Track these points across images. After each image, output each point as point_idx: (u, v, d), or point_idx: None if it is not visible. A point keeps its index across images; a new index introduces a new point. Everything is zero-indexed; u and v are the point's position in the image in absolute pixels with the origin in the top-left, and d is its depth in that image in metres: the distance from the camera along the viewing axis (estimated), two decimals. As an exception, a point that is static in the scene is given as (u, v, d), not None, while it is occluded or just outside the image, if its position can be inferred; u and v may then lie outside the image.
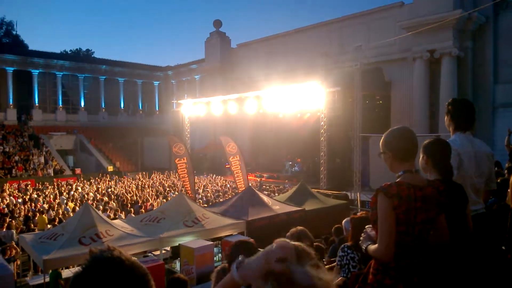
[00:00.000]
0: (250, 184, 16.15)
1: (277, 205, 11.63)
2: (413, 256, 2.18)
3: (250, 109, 20.41)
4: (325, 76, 17.39)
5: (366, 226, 2.49)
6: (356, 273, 3.86)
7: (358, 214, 4.58)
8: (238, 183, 17.21)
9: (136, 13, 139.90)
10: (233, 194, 16.00)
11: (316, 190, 15.36)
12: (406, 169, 2.22)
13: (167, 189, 19.96)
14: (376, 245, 2.20)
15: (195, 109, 24.51)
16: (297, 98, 18.18)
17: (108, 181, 24.33)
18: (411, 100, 20.02)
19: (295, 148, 25.63)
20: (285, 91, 18.50)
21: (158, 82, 45.12)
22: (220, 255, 9.37)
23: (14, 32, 54.68)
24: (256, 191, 12.43)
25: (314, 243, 4.15)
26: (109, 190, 19.70)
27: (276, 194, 16.67)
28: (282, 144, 26.28)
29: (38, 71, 37.20)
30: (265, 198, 12.11)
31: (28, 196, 18.16)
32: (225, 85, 30.67)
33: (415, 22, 19.16)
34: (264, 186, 19.84)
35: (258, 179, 23.15)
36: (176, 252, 9.23)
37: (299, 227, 3.31)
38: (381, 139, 2.27)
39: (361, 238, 2.51)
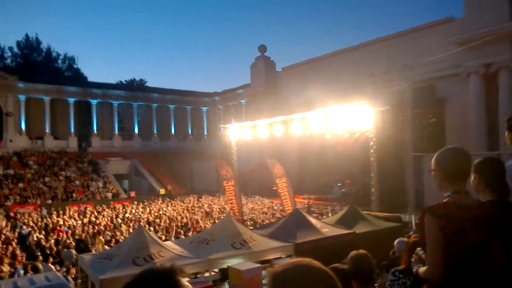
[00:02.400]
0: (297, 206, 15.99)
1: (326, 228, 11.37)
2: (465, 280, 2.09)
3: (296, 131, 20.38)
4: (373, 96, 17.08)
5: (418, 249, 2.43)
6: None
7: (412, 237, 4.41)
8: (285, 205, 17.10)
9: (184, 42, 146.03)
10: (281, 216, 15.88)
11: (367, 212, 14.88)
12: (455, 189, 2.16)
13: (215, 211, 20.22)
14: (426, 266, 2.15)
15: (242, 132, 24.86)
16: (344, 119, 17.98)
17: (160, 203, 25.06)
18: (467, 117, 19.12)
19: (343, 169, 25.13)
20: (332, 112, 18.36)
21: (206, 108, 46.48)
22: (268, 278, 9.25)
23: (75, 66, 58.96)
24: (304, 213, 12.26)
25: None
26: (161, 212, 20.26)
27: (325, 216, 16.35)
28: (329, 165, 25.87)
29: (96, 101, 39.71)
30: (313, 221, 11.89)
31: (87, 219, 19.09)
32: (271, 108, 30.93)
33: (468, 36, 18.51)
34: (312, 209, 19.55)
35: (306, 201, 22.85)
36: (224, 274, 9.25)
37: (361, 251, 3.22)
38: (434, 157, 2.24)
39: (412, 260, 2.44)
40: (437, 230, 2.04)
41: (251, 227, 13.24)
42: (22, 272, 9.85)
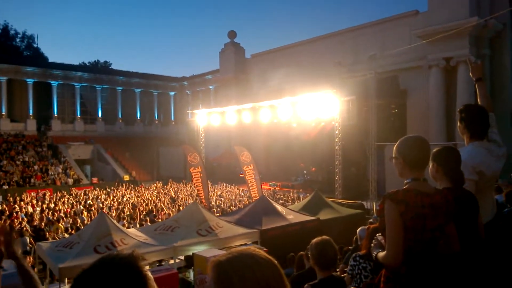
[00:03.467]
0: (264, 193, 16.12)
1: (291, 215, 11.55)
2: (423, 264, 2.17)
3: (264, 119, 20.47)
4: (339, 85, 17.35)
5: (377, 234, 2.48)
6: (368, 282, 3.81)
7: (374, 224, 4.52)
8: (252, 192, 17.20)
9: (152, 25, 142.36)
10: (247, 203, 15.97)
11: (331, 199, 15.22)
12: (414, 177, 2.22)
13: (182, 198, 20.06)
14: (385, 251, 2.20)
15: (210, 119, 24.69)
16: (311, 108, 18.16)
17: (124, 190, 24.58)
18: (428, 109, 19.80)
19: (309, 157, 25.54)
20: (299, 100, 18.52)
21: (173, 93, 45.68)
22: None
23: (34, 45, 56.24)
24: (270, 200, 12.39)
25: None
26: (125, 199, 19.88)
27: (290, 203, 16.59)
28: (296, 153, 26.22)
29: (57, 83, 38.10)
30: (279, 207, 12.04)
31: (46, 205, 18.44)
32: (239, 95, 30.88)
33: (431, 30, 19.03)
34: (278, 195, 19.77)
35: (272, 188, 23.10)
36: (189, 261, 9.23)
37: (324, 237, 3.25)
38: (395, 145, 2.30)
39: (372, 245, 2.50)
40: (397, 216, 2.08)
41: (218, 214, 13.25)
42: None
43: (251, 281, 1.04)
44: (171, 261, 9.53)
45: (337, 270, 5.69)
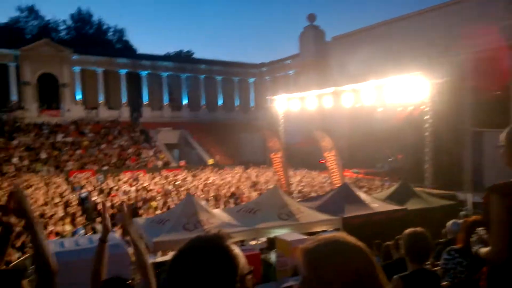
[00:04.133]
0: (346, 181, 15.74)
1: (375, 203, 11.13)
2: None
3: (347, 103, 19.84)
4: (429, 67, 16.16)
5: (479, 228, 2.27)
6: (463, 278, 3.51)
7: (472, 217, 4.19)
8: (333, 179, 16.88)
9: (231, 12, 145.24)
10: (328, 189, 15.74)
11: (419, 189, 14.36)
12: None
13: (262, 182, 20.40)
14: (488, 247, 2.03)
15: (290, 104, 24.61)
16: (398, 91, 17.20)
17: (209, 173, 25.67)
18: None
19: (395, 143, 24.28)
20: (385, 83, 17.62)
21: (253, 79, 46.31)
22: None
23: (124, 39, 60.57)
24: (353, 188, 12.05)
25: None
26: (209, 182, 20.76)
27: (374, 191, 16.01)
28: (381, 139, 25.07)
29: (146, 73, 40.79)
30: (363, 195, 11.67)
31: (140, 185, 19.98)
32: (320, 79, 30.27)
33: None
34: (361, 183, 19.18)
35: (355, 175, 22.46)
36: (271, 243, 9.38)
37: (418, 228, 3.08)
38: (505, 131, 2.05)
39: (472, 240, 2.31)
40: (504, 210, 1.91)
41: (298, 200, 13.24)
42: (82, 232, 10.57)
43: (341, 268, 1.02)
44: (253, 242, 9.76)
45: (427, 263, 5.37)
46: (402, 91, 16.87)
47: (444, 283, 3.46)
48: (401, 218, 10.72)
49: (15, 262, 8.35)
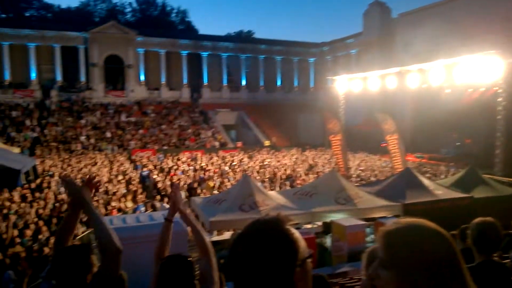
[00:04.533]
0: (408, 165, 15.03)
1: (439, 190, 10.53)
2: None
3: (412, 84, 18.76)
4: (505, 45, 14.76)
5: None
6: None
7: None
8: (395, 163, 16.21)
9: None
10: (389, 174, 15.14)
11: (488, 176, 13.36)
12: None
13: (320, 165, 20.10)
14: None
15: (351, 85, 23.81)
16: (468, 71, 15.94)
17: (265, 154, 25.77)
18: None
19: (463, 127, 22.74)
20: (455, 63, 16.38)
21: (313, 59, 45.38)
22: (372, 236, 9.02)
23: (187, 19, 61.73)
24: (416, 173, 11.46)
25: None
26: (265, 163, 20.83)
27: (439, 177, 15.16)
28: (447, 122, 23.59)
29: (206, 53, 41.40)
30: (426, 181, 11.08)
31: (198, 165, 20.53)
32: (384, 58, 28.94)
33: None
34: (424, 168, 18.26)
35: (418, 160, 21.41)
36: (327, 227, 9.23)
37: (488, 218, 2.85)
38: None
39: None
40: None
41: (357, 184, 12.88)
42: (143, 209, 11.06)
43: (420, 253, 0.99)
44: (308, 226, 9.66)
45: (494, 255, 4.97)
46: (474, 71, 15.60)
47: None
48: (467, 206, 10.10)
49: (80, 236, 8.90)
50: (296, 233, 1.08)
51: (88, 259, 2.12)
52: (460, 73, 16.28)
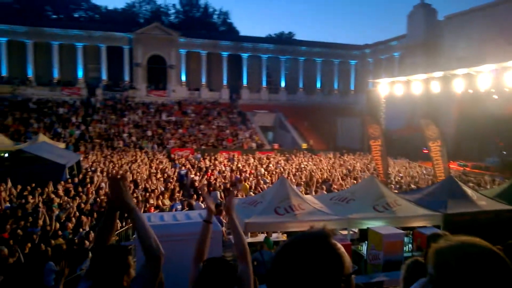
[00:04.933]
0: (451, 173, 14.48)
1: (483, 201, 10.07)
2: None
3: (458, 89, 18.06)
4: None
5: None
6: None
7: None
8: (437, 171, 15.66)
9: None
10: (431, 183, 14.65)
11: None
12: None
13: (358, 170, 19.75)
14: None
15: (393, 88, 23.20)
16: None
17: (302, 157, 25.61)
18: None
19: (510, 135, 21.64)
20: (504, 67, 15.62)
21: (354, 61, 44.69)
22: (410, 245, 8.78)
23: (228, 21, 62.46)
24: (458, 182, 11.04)
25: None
26: (302, 166, 20.70)
27: (483, 187, 14.51)
28: (494, 130, 22.54)
29: (247, 55, 41.74)
30: (469, 191, 10.63)
31: (235, 166, 20.72)
32: (428, 62, 28.06)
33: None
34: (468, 177, 17.53)
35: (462, 169, 20.59)
36: (363, 234, 9.06)
37: None
38: None
39: None
40: None
41: (396, 191, 12.57)
42: (179, 207, 11.28)
43: (474, 275, 0.97)
44: (344, 232, 9.53)
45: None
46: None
47: None
48: (512, 219, 9.59)
49: (118, 231, 9.19)
50: (342, 248, 1.08)
51: (125, 260, 2.13)
52: (509, 78, 15.50)
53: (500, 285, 0.96)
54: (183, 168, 19.52)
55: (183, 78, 40.11)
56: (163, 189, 13.94)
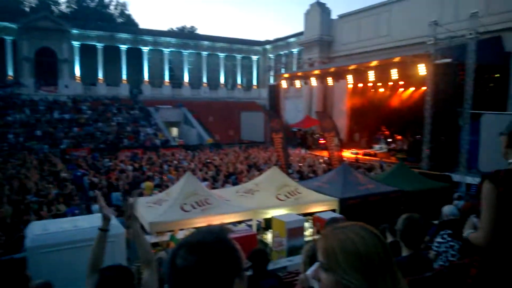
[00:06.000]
0: (345, 161, 15.78)
1: (372, 184, 11.20)
2: None
3: (349, 83, 19.70)
4: (433, 47, 15.95)
5: (471, 215, 2.34)
6: (455, 262, 3.57)
7: (470, 203, 4.26)
8: (332, 160, 16.94)
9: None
10: (327, 170, 15.80)
11: (416, 170, 14.40)
12: None
13: (261, 162, 20.44)
14: (478, 232, 2.10)
15: (292, 83, 24.42)
16: (400, 72, 17.02)
17: (208, 152, 25.69)
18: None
19: (395, 124, 24.26)
20: (388, 64, 17.45)
21: (257, 57, 45.83)
22: (311, 230, 9.41)
23: (127, 12, 59.51)
24: (351, 169, 12.10)
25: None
26: (209, 161, 20.79)
27: (373, 172, 16.07)
28: (382, 120, 25.03)
29: (148, 48, 40.33)
30: (360, 176, 11.74)
31: (138, 164, 20.01)
32: (324, 58, 29.96)
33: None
34: (359, 164, 19.24)
35: (354, 156, 22.50)
36: (268, 223, 9.48)
37: (414, 214, 3.12)
38: (510, 121, 2.13)
39: (465, 226, 2.37)
40: (494, 196, 1.98)
41: (297, 180, 13.30)
42: (77, 212, 10.57)
43: (353, 255, 1.07)
44: (250, 223, 9.85)
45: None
46: (405, 72, 16.72)
47: (436, 267, 3.53)
48: (397, 199, 10.84)
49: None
50: (237, 245, 1.10)
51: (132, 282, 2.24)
52: (393, 73, 17.35)
53: (376, 263, 1.07)
54: (80, 170, 18.28)
55: (77, 72, 37.29)
56: (57, 193, 12.91)
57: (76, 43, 36.92)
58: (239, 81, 45.64)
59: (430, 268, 3.03)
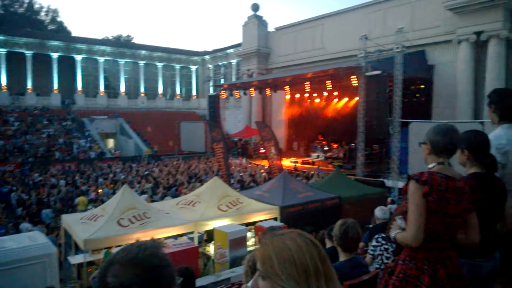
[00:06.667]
0: (284, 170, 16.08)
1: (311, 192, 11.51)
2: (441, 248, 2.15)
3: (287, 94, 20.21)
4: (364, 60, 16.89)
5: (396, 217, 2.43)
6: (390, 265, 3.75)
7: (400, 206, 4.45)
8: (272, 169, 17.20)
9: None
10: (268, 179, 15.99)
11: (352, 176, 15.05)
12: (440, 161, 2.20)
13: (202, 173, 20.24)
14: (405, 232, 2.19)
15: (231, 93, 24.55)
16: (335, 83, 17.76)
17: (146, 164, 24.95)
18: (455, 85, 19.10)
19: (331, 133, 25.26)
20: (323, 75, 18.14)
21: (196, 67, 45.55)
22: (253, 239, 9.42)
23: (58, 19, 56.61)
24: (290, 177, 12.35)
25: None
26: (147, 173, 20.19)
27: (311, 180, 16.52)
28: (318, 129, 25.94)
29: (81, 57, 38.51)
30: (300, 184, 12.02)
31: (71, 178, 18.93)
32: (262, 69, 30.50)
33: (463, 1, 18.13)
34: (298, 172, 19.70)
35: (293, 165, 23.03)
36: (211, 235, 9.36)
37: (349, 219, 3.21)
38: (427, 131, 2.28)
39: (391, 227, 2.47)
40: (420, 196, 2.07)
41: (238, 190, 13.32)
42: (3, 231, 9.75)
43: (288, 262, 1.09)
44: (192, 235, 9.67)
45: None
46: (339, 83, 17.48)
47: (372, 270, 3.66)
48: (335, 205, 11.23)
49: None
50: (170, 260, 1.08)
51: None
52: (328, 84, 18.06)
53: (312, 271, 1.10)
54: (7, 185, 16.92)
55: (3, 81, 34.66)
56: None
57: (2, 50, 34.34)
58: (178, 91, 45.02)
59: (366, 271, 3.15)
